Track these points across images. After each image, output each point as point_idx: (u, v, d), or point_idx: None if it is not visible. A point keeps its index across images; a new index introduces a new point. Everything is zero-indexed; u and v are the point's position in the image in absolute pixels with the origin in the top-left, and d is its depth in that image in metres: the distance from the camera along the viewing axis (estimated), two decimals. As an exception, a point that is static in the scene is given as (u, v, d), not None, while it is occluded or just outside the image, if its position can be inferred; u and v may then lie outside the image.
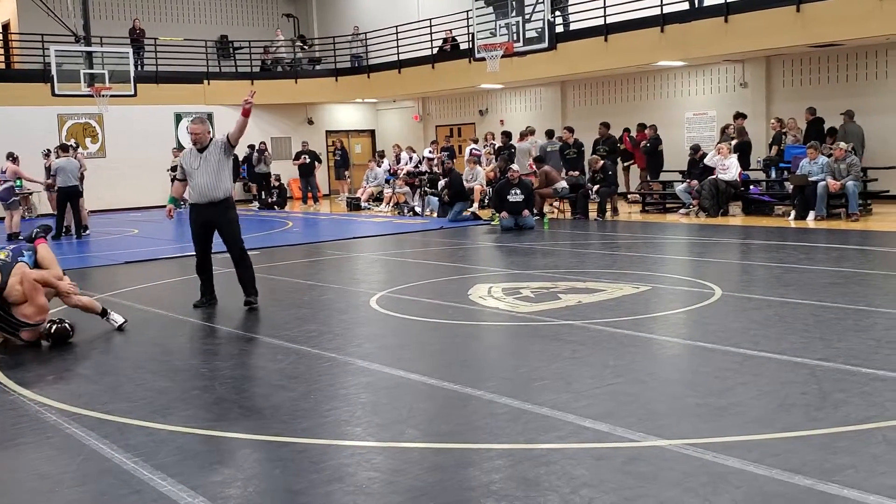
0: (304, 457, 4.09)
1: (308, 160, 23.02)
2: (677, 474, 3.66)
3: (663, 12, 16.91)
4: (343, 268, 11.19)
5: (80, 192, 15.78)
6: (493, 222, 15.15)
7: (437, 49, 22.55)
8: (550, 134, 18.46)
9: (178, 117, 24.57)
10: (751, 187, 15.59)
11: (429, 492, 3.58)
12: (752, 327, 6.40)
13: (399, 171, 21.14)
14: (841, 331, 6.14)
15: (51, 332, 6.69)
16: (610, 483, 3.59)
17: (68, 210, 15.72)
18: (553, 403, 4.63)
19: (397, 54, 23.19)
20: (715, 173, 15.14)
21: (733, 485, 3.50)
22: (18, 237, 13.47)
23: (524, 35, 14.79)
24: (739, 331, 6.29)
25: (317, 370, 5.76)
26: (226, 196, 7.86)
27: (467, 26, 20.42)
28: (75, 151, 19.77)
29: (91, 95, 19.45)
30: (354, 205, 21.03)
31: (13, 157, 16.58)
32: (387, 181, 21.42)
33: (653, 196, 17.20)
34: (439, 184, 17.63)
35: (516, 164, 15.93)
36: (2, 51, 25.02)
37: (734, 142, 15.88)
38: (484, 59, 15.36)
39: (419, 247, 12.96)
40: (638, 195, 17.75)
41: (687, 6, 17.15)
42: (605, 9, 17.83)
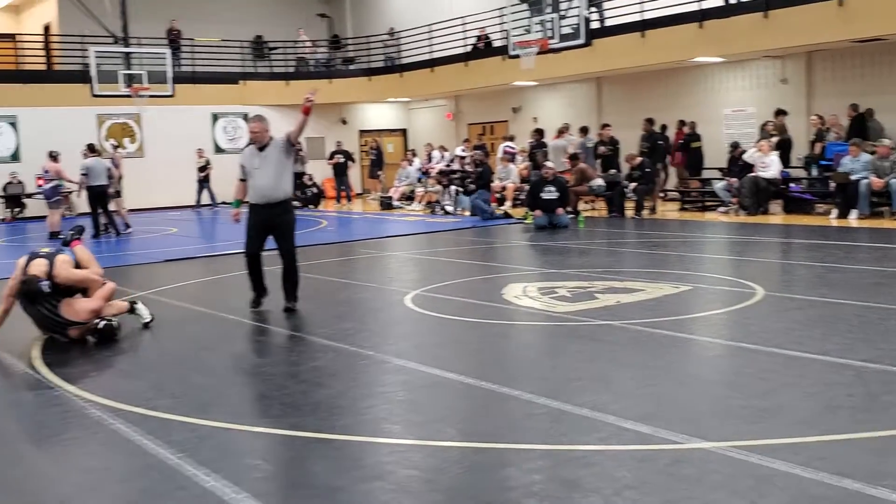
0: (343, 454, 4.11)
1: (342, 160, 23.11)
2: (722, 477, 3.62)
3: (701, 8, 16.72)
4: (377, 266, 11.22)
5: (108, 191, 16.00)
6: (526, 221, 15.09)
7: (470, 47, 22.52)
8: (585, 131, 18.35)
9: (215, 117, 24.79)
10: (791, 185, 15.38)
11: (469, 491, 3.57)
12: (794, 328, 6.31)
13: (431, 170, 21.14)
14: (886, 331, 6.03)
15: (98, 329, 6.79)
16: (653, 485, 3.55)
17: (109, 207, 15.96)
18: (593, 404, 4.60)
19: (430, 53, 23.19)
20: (755, 171, 14.95)
21: (779, 487, 3.45)
22: (59, 236, 13.66)
23: (559, 31, 14.72)
24: (782, 331, 6.21)
25: (354, 368, 5.79)
26: (286, 198, 7.65)
27: (501, 24, 20.38)
28: (115, 151, 20.11)
29: (129, 96, 19.69)
30: (387, 204, 21.08)
31: (55, 156, 16.82)
32: (419, 180, 21.46)
33: (691, 194, 17.04)
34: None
35: (550, 162, 15.86)
36: (43, 52, 25.39)
37: (775, 139, 15.67)
38: (518, 56, 15.31)
39: (452, 245, 12.94)
40: (676, 193, 17.59)
41: (724, 1, 16.95)
42: (641, 4, 17.69)
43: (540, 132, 18.57)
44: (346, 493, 3.63)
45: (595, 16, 18.44)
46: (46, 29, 26.40)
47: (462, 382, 5.24)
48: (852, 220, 13.23)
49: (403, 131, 28.57)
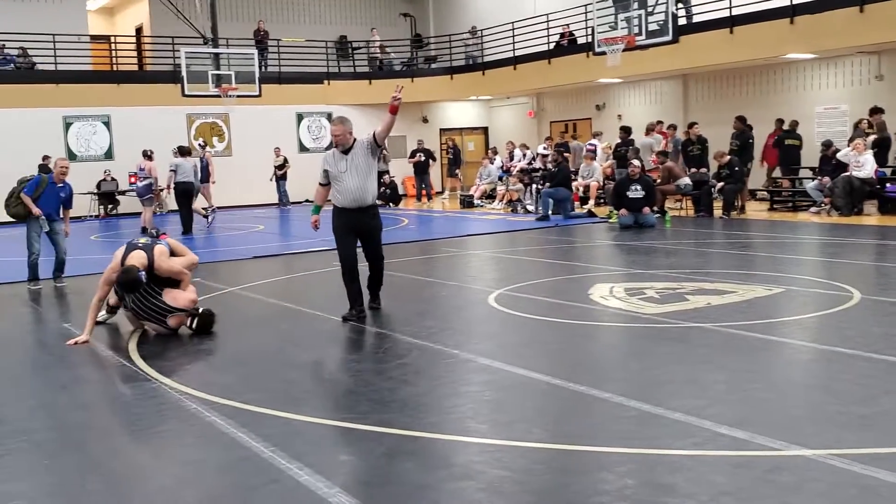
0: (432, 452, 4.12)
1: (423, 158, 23.23)
2: (824, 485, 3.50)
3: (793, 3, 16.25)
4: (459, 265, 11.23)
5: (195, 189, 16.52)
6: (610, 220, 14.92)
7: (553, 44, 22.37)
8: (674, 129, 18.02)
9: (300, 117, 25.22)
10: (888, 185, 14.81)
11: (561, 494, 3.54)
12: (894, 333, 6.08)
13: (512, 169, 21.07)
14: None
15: (199, 314, 7.03)
16: (751, 492, 3.46)
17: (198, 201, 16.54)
18: (686, 408, 4.51)
19: (513, 51, 23.12)
20: (849, 170, 14.46)
21: (885, 498, 3.33)
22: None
23: (646, 28, 14.50)
24: (881, 336, 5.98)
25: (439, 366, 5.80)
26: (374, 201, 7.41)
27: (585, 21, 20.18)
28: (203, 150, 20.63)
29: (218, 96, 20.16)
30: (467, 202, 21.10)
31: (150, 154, 17.36)
32: (500, 178, 21.41)
33: (781, 193, 16.57)
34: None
35: (636, 160, 15.62)
36: (135, 53, 26.24)
37: (871, 137, 15.12)
38: (604, 53, 15.13)
39: (534, 245, 12.87)
40: (766, 192, 17.14)
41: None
42: (730, 0, 17.29)
43: (627, 130, 18.29)
44: (435, 492, 3.64)
45: (682, 12, 18.10)
46: (139, 30, 27.26)
47: (549, 383, 5.20)
48: (954, 221, 12.68)
49: (484, 129, 28.56)
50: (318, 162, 7.57)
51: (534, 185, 18.63)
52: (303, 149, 25.04)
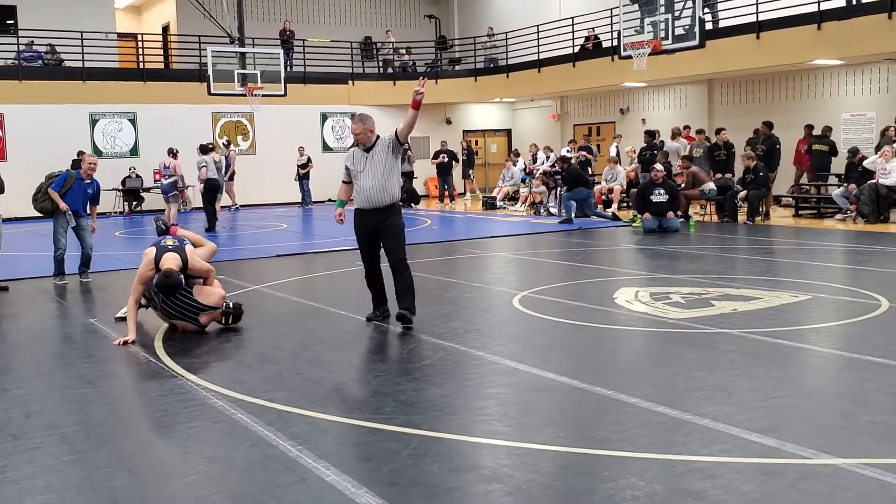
0: (459, 453, 4.11)
1: (446, 159, 23.25)
2: (855, 495, 3.46)
3: (820, 9, 16.13)
4: (482, 266, 11.21)
5: (220, 186, 16.66)
6: (634, 224, 14.86)
7: (577, 47, 22.31)
8: (701, 132, 17.92)
9: (324, 117, 25.31)
10: (915, 193, 14.66)
11: (591, 499, 3.52)
12: (925, 342, 6.01)
13: (535, 171, 21.04)
14: None
15: (230, 309, 7.15)
16: (781, 500, 3.43)
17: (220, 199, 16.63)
18: (714, 415, 4.47)
19: (537, 53, 23.08)
20: (875, 177, 14.33)
21: (919, 511, 3.29)
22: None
23: (673, 32, 14.42)
24: (912, 346, 5.91)
25: (465, 368, 5.79)
26: (392, 202, 7.08)
27: (610, 24, 20.11)
28: (227, 148, 20.74)
29: (244, 95, 20.26)
30: (490, 204, 21.08)
31: (175, 152, 17.47)
32: (523, 181, 21.38)
33: (808, 200, 16.44)
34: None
35: (659, 164, 15.55)
36: (162, 51, 26.43)
37: (900, 145, 14.97)
38: (630, 56, 15.06)
39: (557, 247, 12.85)
40: (791, 199, 17.00)
41: (845, 3, 16.29)
42: (757, 5, 17.18)
43: (652, 134, 18.21)
44: (462, 494, 3.63)
45: (708, 16, 18.00)
46: (165, 29, 27.46)
47: (576, 387, 5.17)
48: (983, 230, 12.52)
49: (508, 132, 28.55)
50: (342, 162, 7.44)
51: (557, 188, 18.58)
52: (326, 148, 25.13)
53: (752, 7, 17.28)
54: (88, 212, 10.36)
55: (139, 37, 25.15)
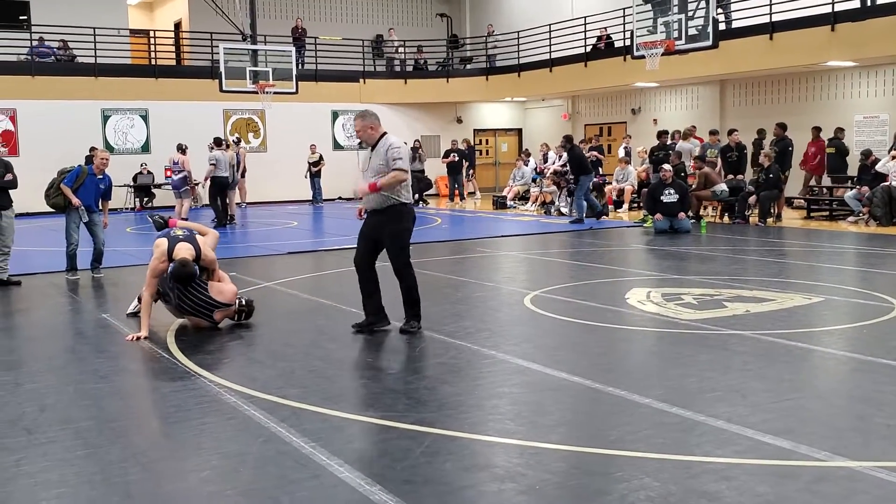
0: (472, 452, 4.11)
1: (457, 158, 23.23)
2: (870, 498, 3.45)
3: (834, 10, 16.06)
4: (493, 266, 11.21)
5: (229, 183, 16.64)
6: (645, 224, 14.83)
7: (589, 47, 22.27)
8: (714, 133, 17.85)
9: (335, 115, 25.33)
10: (928, 196, 14.58)
11: (604, 499, 3.52)
12: (940, 346, 5.98)
13: (546, 171, 21.01)
14: None
15: (243, 306, 7.19)
16: (796, 502, 3.42)
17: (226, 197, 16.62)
18: (728, 416, 4.46)
19: (549, 53, 23.05)
20: (888, 180, 14.26)
21: (935, 515, 3.27)
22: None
23: (686, 32, 14.37)
24: (926, 349, 5.88)
25: (477, 366, 5.79)
26: (391, 205, 6.68)
27: (623, 24, 20.07)
28: (237, 145, 20.77)
29: (256, 92, 20.28)
30: (500, 203, 21.06)
31: (184, 148, 17.50)
32: (533, 180, 21.35)
33: (820, 202, 16.36)
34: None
35: (667, 164, 15.50)
36: (174, 48, 26.48)
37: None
38: (643, 56, 15.02)
39: (568, 247, 12.83)
40: (803, 200, 16.93)
41: (859, 4, 16.22)
42: (770, 6, 17.12)
43: (664, 134, 18.14)
44: (476, 492, 3.63)
45: (721, 17, 17.93)
46: (177, 26, 27.52)
47: (589, 387, 5.17)
48: None
49: (518, 131, 28.52)
50: (353, 159, 7.43)
51: (568, 188, 18.55)
52: (337, 146, 25.14)
53: (766, 7, 17.22)
54: (100, 207, 10.39)
55: (151, 33, 25.20)
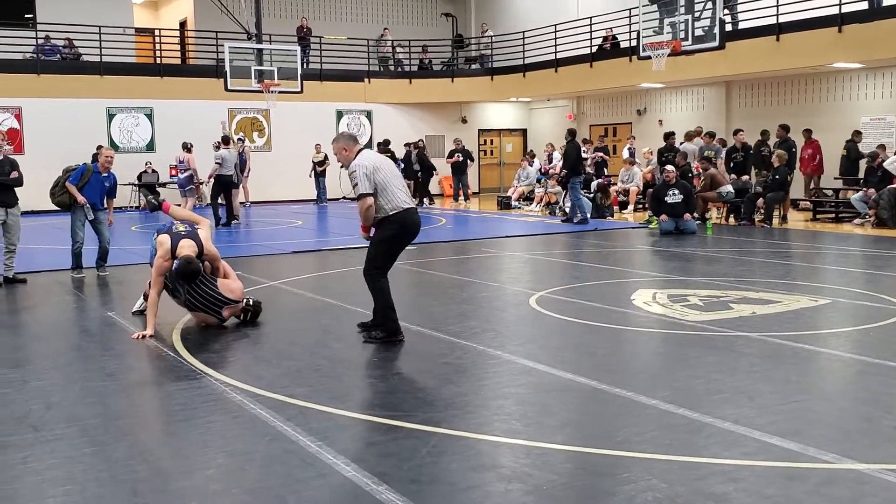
0: (478, 452, 4.10)
1: (461, 158, 23.22)
2: (879, 501, 3.44)
3: (841, 11, 16.03)
4: (497, 266, 11.20)
5: (235, 182, 16.64)
6: (650, 225, 14.81)
7: (595, 47, 22.25)
8: (712, 136, 17.84)
9: (340, 114, 25.33)
10: (934, 198, 14.54)
11: (611, 500, 3.51)
12: (947, 348, 5.96)
13: (551, 171, 20.99)
14: None
15: (249, 306, 7.17)
16: (805, 505, 3.41)
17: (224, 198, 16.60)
18: (735, 418, 4.45)
19: (555, 53, 23.04)
20: (894, 181, 14.22)
21: (945, 518, 3.26)
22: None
23: (692, 33, 14.35)
24: (934, 351, 5.86)
25: (482, 367, 5.78)
26: (377, 219, 6.35)
27: (629, 24, 20.05)
28: (242, 144, 20.78)
29: (261, 91, 20.29)
30: (505, 204, 21.05)
31: (189, 147, 17.52)
32: (538, 181, 21.33)
33: (825, 204, 16.33)
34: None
35: (671, 166, 15.47)
36: (179, 47, 26.49)
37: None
38: (649, 57, 15.00)
39: (573, 248, 12.82)
40: (808, 202, 16.90)
41: (866, 5, 16.19)
42: (777, 7, 17.09)
43: (670, 135, 18.12)
44: (482, 492, 3.62)
45: (727, 18, 17.90)
46: (183, 24, 27.54)
47: (595, 388, 5.15)
48: None
49: (523, 131, 28.50)
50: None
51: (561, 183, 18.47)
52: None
53: (773, 9, 17.19)
54: (105, 205, 10.39)
55: (157, 32, 25.23)
